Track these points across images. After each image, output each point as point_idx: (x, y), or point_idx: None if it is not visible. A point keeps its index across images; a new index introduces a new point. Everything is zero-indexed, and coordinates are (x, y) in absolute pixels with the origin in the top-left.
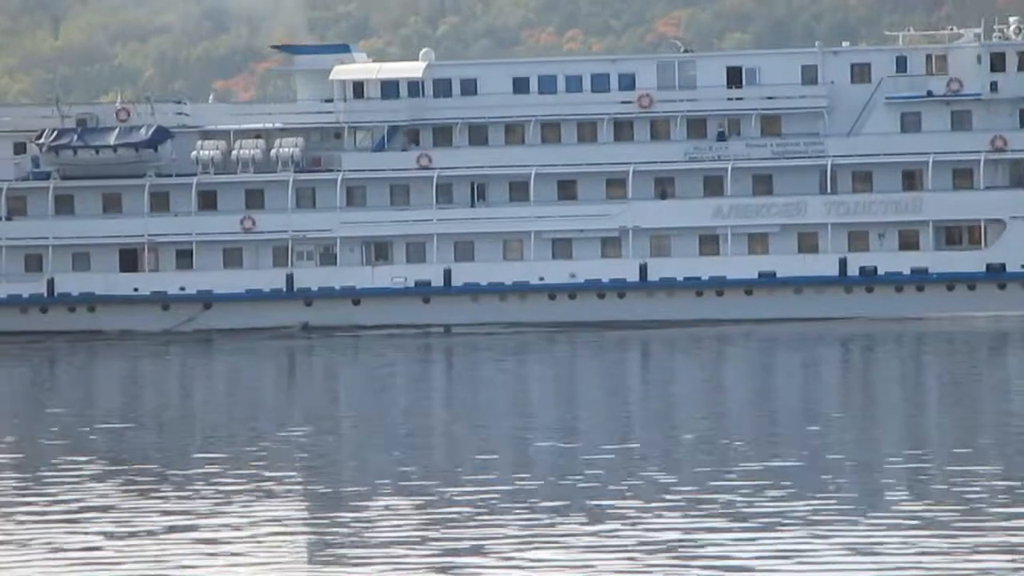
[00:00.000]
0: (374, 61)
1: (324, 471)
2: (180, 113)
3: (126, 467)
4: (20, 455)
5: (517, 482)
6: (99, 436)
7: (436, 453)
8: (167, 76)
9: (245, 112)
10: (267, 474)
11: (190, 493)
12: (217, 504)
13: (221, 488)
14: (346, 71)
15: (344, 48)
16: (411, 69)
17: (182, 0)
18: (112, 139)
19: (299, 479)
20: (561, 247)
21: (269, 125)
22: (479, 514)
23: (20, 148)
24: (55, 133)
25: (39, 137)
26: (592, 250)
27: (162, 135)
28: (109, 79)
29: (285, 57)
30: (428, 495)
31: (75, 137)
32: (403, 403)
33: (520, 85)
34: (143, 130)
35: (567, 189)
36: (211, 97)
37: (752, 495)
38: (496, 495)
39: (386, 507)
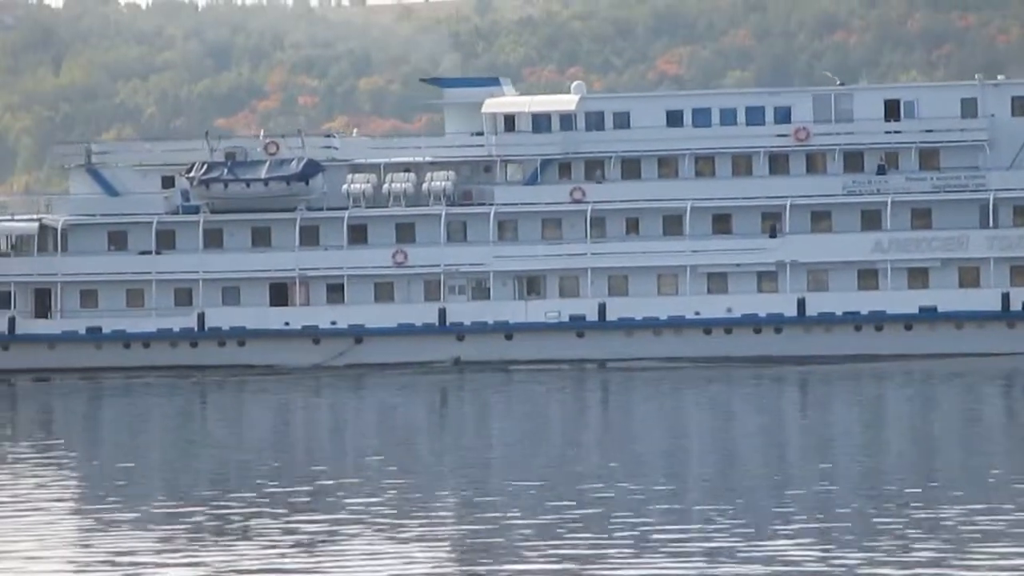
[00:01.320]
0: (521, 95)
1: (474, 507)
2: (329, 147)
3: (261, 504)
4: (171, 490)
5: (679, 525)
6: (246, 470)
7: (587, 491)
8: (168, 113)
9: (394, 146)
10: (418, 514)
11: (335, 528)
12: (365, 551)
13: (372, 528)
14: (498, 104)
15: (494, 81)
16: (564, 102)
17: (183, 38)
18: (263, 172)
19: (447, 519)
20: (716, 281)
21: (419, 159)
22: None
23: (168, 182)
24: (205, 167)
25: (189, 171)
26: (748, 284)
27: (313, 168)
28: (111, 116)
29: (433, 90)
30: (582, 538)
31: (225, 171)
32: (556, 440)
33: (674, 118)
34: (294, 163)
35: (722, 223)
36: (355, 131)
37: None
38: (660, 530)
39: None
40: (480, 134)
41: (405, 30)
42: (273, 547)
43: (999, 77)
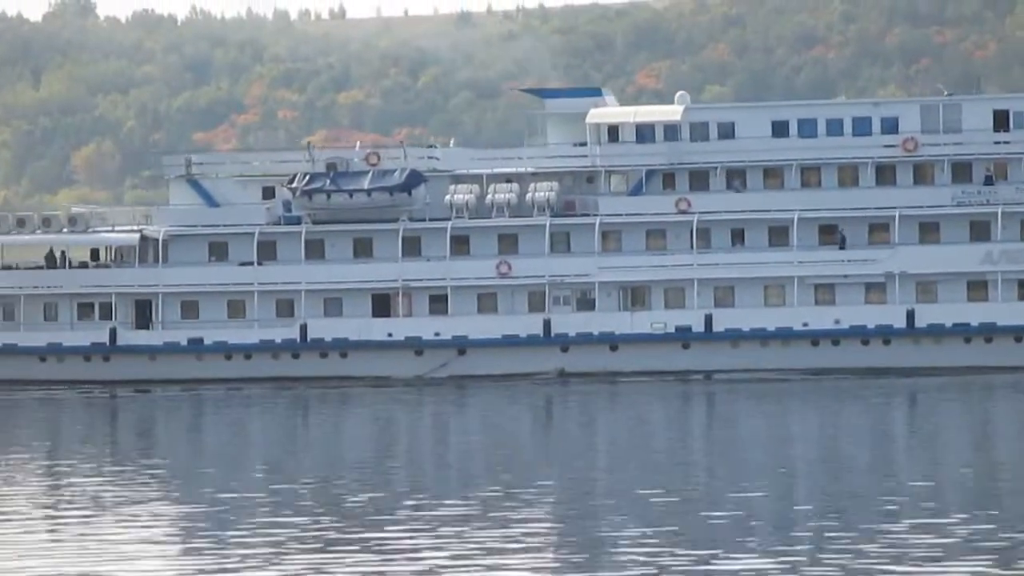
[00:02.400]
0: (622, 105)
1: (577, 522)
2: (431, 157)
3: (364, 518)
4: (274, 501)
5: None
6: (348, 483)
7: (696, 507)
8: (148, 127)
9: (496, 156)
10: (517, 528)
11: (435, 542)
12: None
13: (469, 537)
14: (602, 115)
15: (596, 92)
16: (668, 113)
17: (162, 51)
18: (366, 183)
19: (550, 531)
20: (824, 292)
21: (522, 169)
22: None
23: (269, 193)
24: (307, 177)
25: (291, 181)
26: (856, 295)
27: (416, 179)
28: (91, 130)
29: (536, 100)
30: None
31: (327, 181)
32: (662, 452)
33: (779, 129)
34: (396, 174)
35: (829, 234)
36: (452, 141)
37: None
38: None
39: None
40: (582, 144)
41: (385, 45)
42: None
43: None
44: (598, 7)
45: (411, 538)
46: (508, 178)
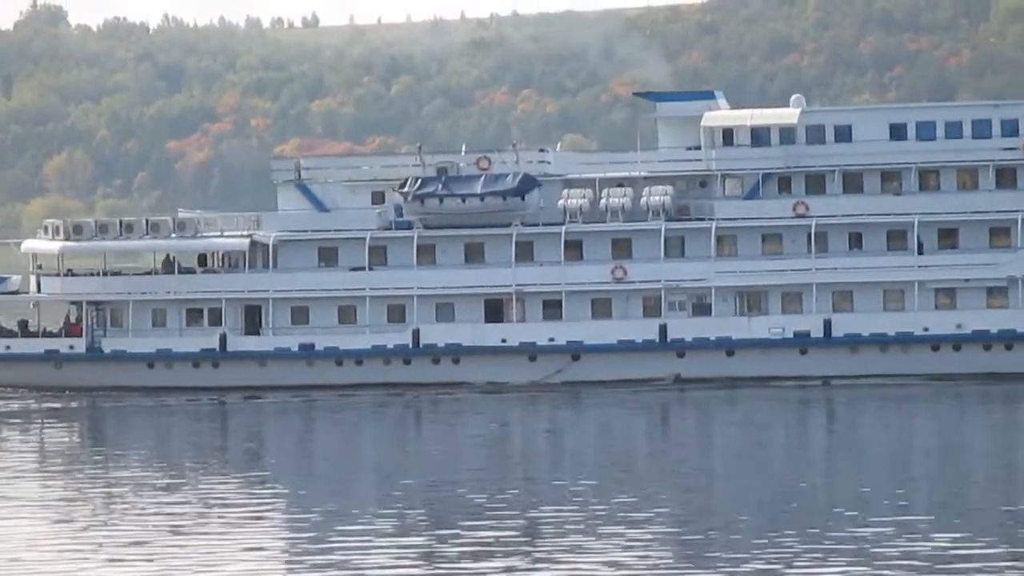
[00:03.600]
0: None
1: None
2: (542, 161)
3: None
4: (393, 509)
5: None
6: (462, 492)
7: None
8: (120, 136)
9: (608, 160)
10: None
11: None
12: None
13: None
14: (716, 118)
15: (709, 95)
16: (784, 116)
17: (134, 60)
18: (478, 187)
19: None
20: (945, 297)
21: (635, 173)
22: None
23: (378, 197)
24: (419, 182)
25: (402, 186)
26: (978, 300)
27: (529, 183)
28: (62, 139)
29: (646, 103)
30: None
31: (439, 186)
32: (779, 460)
33: (897, 131)
34: (509, 178)
35: (948, 238)
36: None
37: None
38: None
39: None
40: (694, 148)
41: (357, 53)
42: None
43: None
44: (572, 14)
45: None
46: (619, 182)
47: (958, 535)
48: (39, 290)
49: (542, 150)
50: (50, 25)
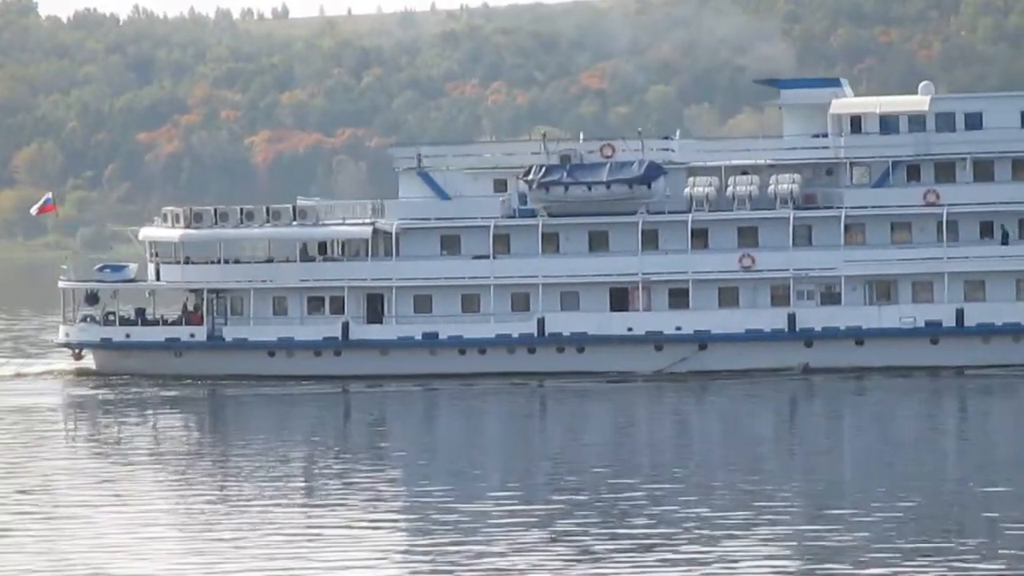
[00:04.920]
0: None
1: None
2: (666, 149)
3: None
4: (518, 494)
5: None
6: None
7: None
8: (90, 127)
9: (732, 148)
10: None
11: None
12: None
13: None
14: (845, 105)
15: (835, 82)
16: (914, 103)
17: (104, 51)
18: (603, 175)
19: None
20: None
21: (760, 161)
22: None
23: (500, 185)
24: (543, 170)
25: (526, 174)
26: None
27: (655, 171)
28: (32, 130)
29: (770, 90)
30: None
31: (564, 174)
32: (910, 451)
33: None
34: (635, 166)
35: None
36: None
37: None
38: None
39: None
40: (820, 136)
41: (328, 44)
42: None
43: None
44: (542, 6)
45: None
46: (744, 170)
47: None
48: (158, 278)
49: (666, 137)
50: (20, 16)
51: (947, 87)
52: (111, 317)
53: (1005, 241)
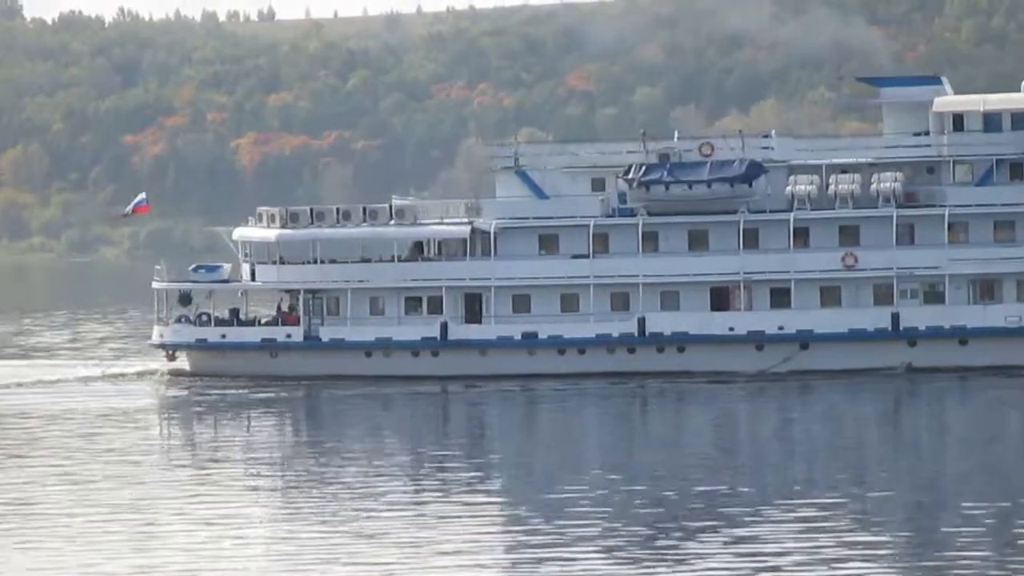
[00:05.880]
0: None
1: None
2: (765, 147)
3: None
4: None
5: None
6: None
7: None
8: (76, 129)
9: (833, 146)
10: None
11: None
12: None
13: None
14: (947, 103)
15: (936, 80)
16: (1017, 101)
17: (90, 54)
18: (704, 174)
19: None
20: None
21: (860, 160)
22: None
23: (598, 184)
24: (643, 168)
25: (626, 172)
26: None
27: (756, 170)
28: (17, 132)
29: (868, 88)
30: None
31: (665, 172)
32: (1014, 454)
33: None
34: (736, 164)
35: None
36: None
37: None
38: None
39: None
40: (921, 133)
41: (314, 46)
42: None
43: None
44: (528, 8)
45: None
46: (843, 168)
47: None
48: (253, 278)
49: (765, 135)
50: (6, 18)
51: None
52: (204, 318)
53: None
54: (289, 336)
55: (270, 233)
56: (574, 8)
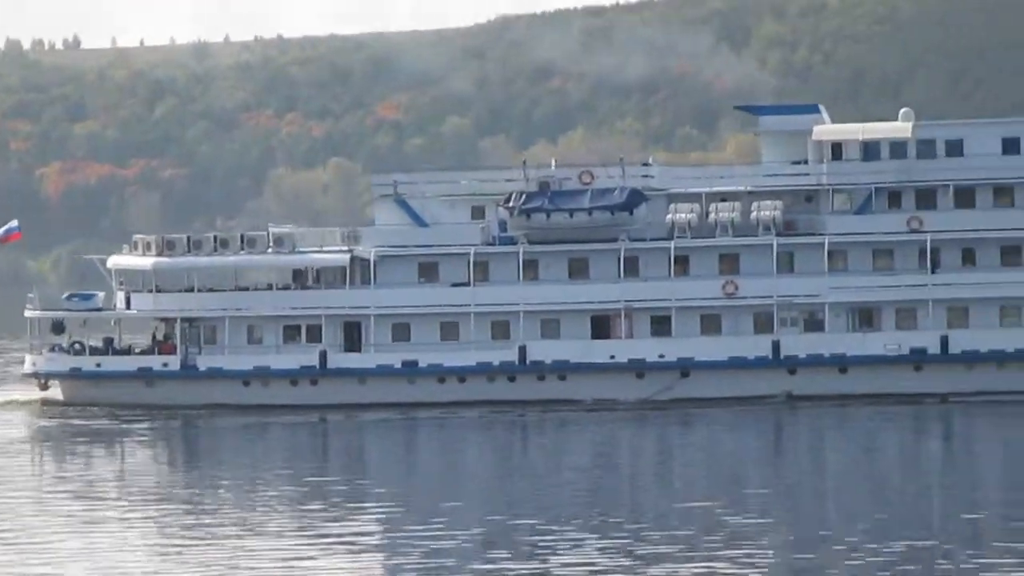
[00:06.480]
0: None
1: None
2: (646, 176)
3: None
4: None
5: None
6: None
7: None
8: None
9: (714, 175)
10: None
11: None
12: None
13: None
14: (827, 132)
15: (813, 108)
16: (896, 130)
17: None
18: (585, 202)
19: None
20: None
21: (740, 188)
22: None
23: (478, 212)
24: (524, 196)
25: (507, 201)
26: None
27: (637, 198)
28: None
29: (748, 117)
30: None
31: (546, 200)
32: (898, 481)
33: (1010, 146)
34: (616, 193)
35: None
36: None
37: None
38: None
39: None
40: (799, 162)
41: (120, 75)
42: None
43: None
44: (336, 38)
45: None
46: (723, 197)
47: None
48: (128, 307)
49: (645, 164)
50: None
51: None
52: (78, 347)
53: (934, 269)
54: (166, 365)
55: (146, 261)
56: (383, 38)
